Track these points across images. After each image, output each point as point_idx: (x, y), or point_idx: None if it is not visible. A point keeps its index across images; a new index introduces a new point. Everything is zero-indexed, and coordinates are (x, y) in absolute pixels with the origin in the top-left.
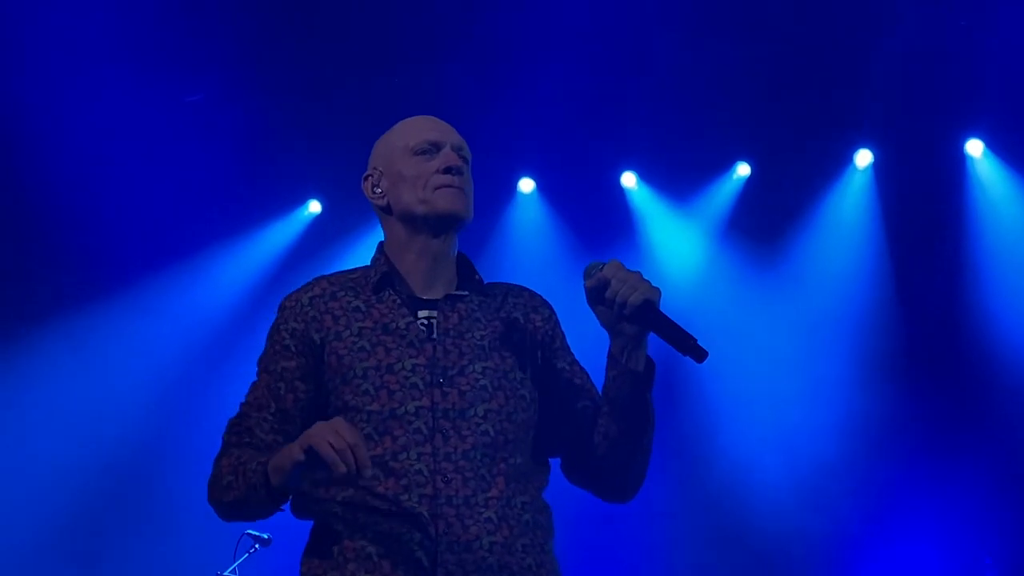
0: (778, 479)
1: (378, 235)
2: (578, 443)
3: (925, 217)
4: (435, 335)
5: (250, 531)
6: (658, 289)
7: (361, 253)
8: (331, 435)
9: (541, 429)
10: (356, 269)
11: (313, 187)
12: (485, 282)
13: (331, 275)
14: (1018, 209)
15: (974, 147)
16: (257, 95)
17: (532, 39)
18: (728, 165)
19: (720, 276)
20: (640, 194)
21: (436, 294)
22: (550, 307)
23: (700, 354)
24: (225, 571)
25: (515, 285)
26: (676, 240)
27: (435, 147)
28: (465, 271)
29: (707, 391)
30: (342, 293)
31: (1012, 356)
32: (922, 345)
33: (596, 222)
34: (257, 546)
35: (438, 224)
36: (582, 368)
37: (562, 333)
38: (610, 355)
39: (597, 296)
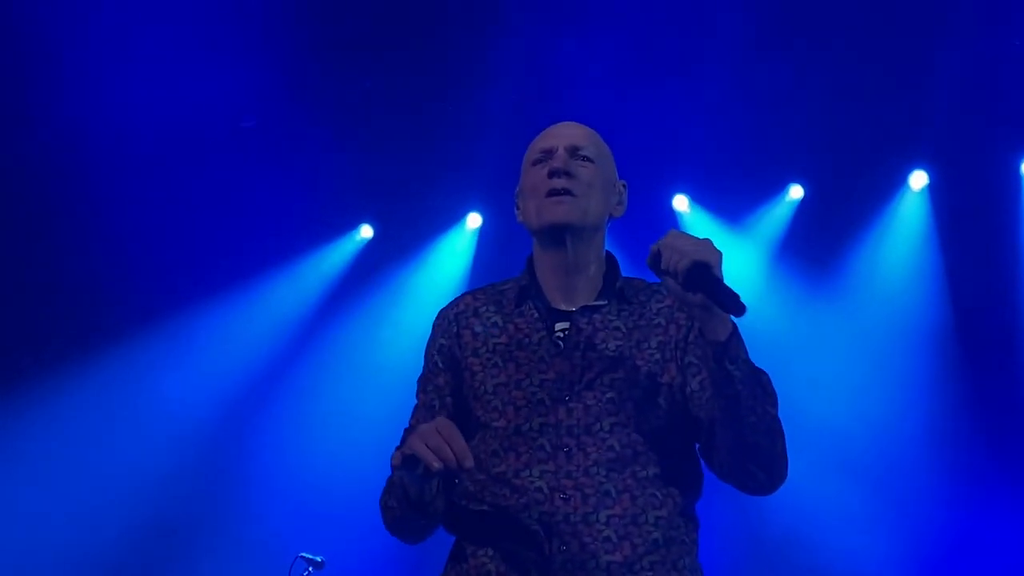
0: (838, 502)
1: (429, 261)
2: (709, 438)
3: (981, 239)
4: (567, 348)
5: (304, 554)
6: (715, 251)
7: (413, 277)
8: (428, 435)
9: (691, 431)
10: (508, 281)
11: (365, 211)
12: (632, 285)
13: (480, 289)
14: None
15: None
16: (310, 120)
17: (581, 63)
18: (781, 187)
19: (774, 299)
20: (692, 217)
21: (575, 304)
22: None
23: (738, 307)
24: None
25: (648, 284)
26: (729, 263)
27: (547, 154)
28: (610, 277)
29: None
30: (484, 308)
31: None
32: (981, 368)
33: (648, 247)
34: (311, 569)
35: (551, 235)
36: None
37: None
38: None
39: (658, 272)
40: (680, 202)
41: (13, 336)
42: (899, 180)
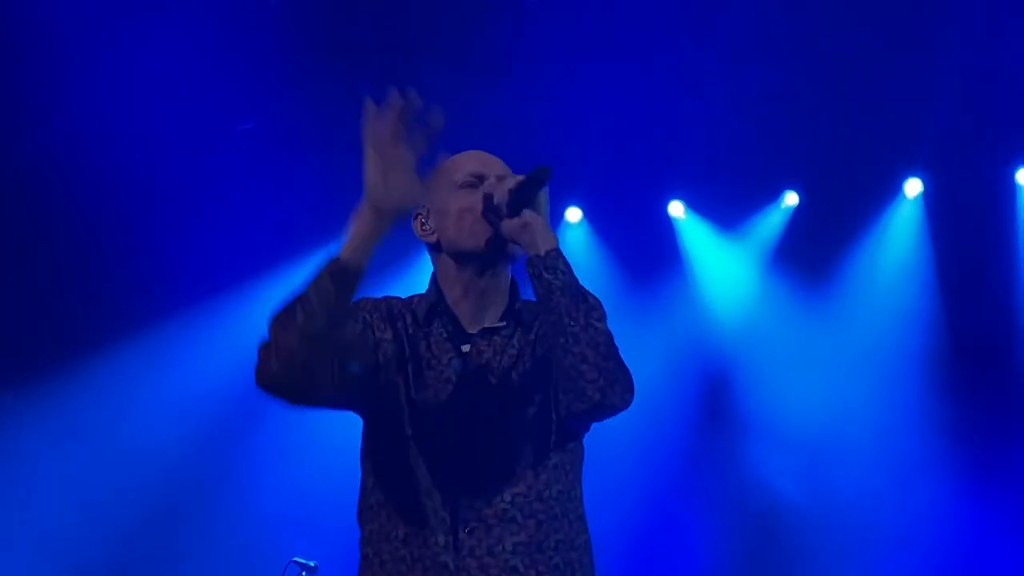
0: (826, 507)
1: (425, 263)
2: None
3: (976, 247)
4: (469, 370)
5: (297, 559)
6: (516, 176)
7: (409, 279)
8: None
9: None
10: (412, 297)
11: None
12: (528, 307)
13: (392, 298)
14: None
15: None
16: (307, 125)
17: (578, 70)
18: (776, 194)
19: (768, 305)
20: (688, 223)
21: (482, 324)
22: None
23: (543, 170)
24: None
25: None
26: (724, 269)
27: (479, 179)
28: (512, 299)
29: (755, 420)
30: (402, 315)
31: None
32: (974, 375)
33: (643, 251)
34: (304, 574)
35: (484, 260)
36: None
37: None
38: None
39: (493, 217)
40: (675, 208)
41: (8, 338)
42: (894, 187)
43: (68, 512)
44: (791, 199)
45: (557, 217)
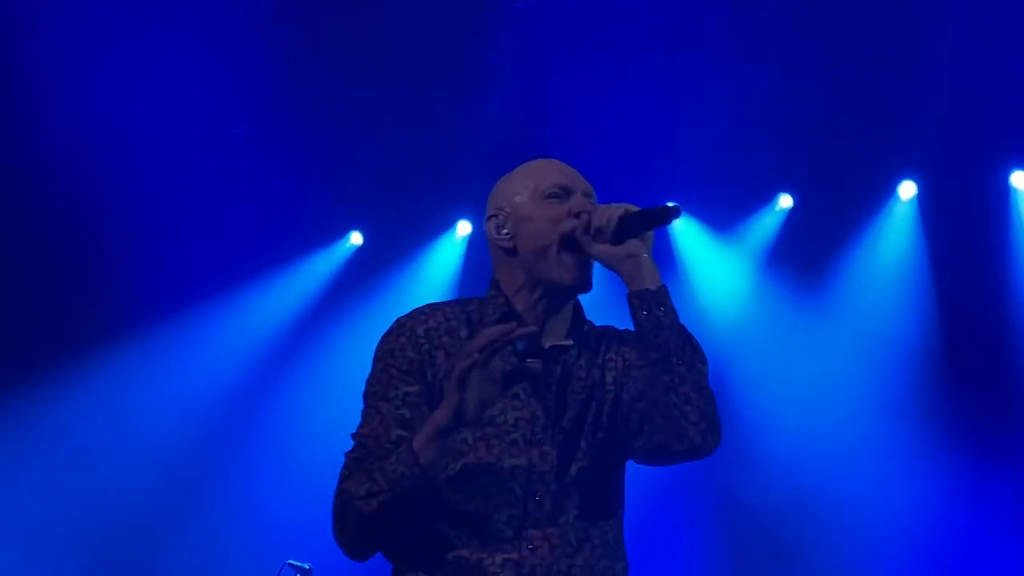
0: (820, 504)
1: (418, 268)
2: (638, 431)
3: (969, 249)
4: (538, 390)
5: (291, 561)
6: (623, 204)
7: (401, 284)
8: (484, 339)
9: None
10: (470, 301)
11: (355, 219)
12: (592, 328)
13: (445, 305)
14: None
15: (1019, 179)
16: (301, 130)
17: (572, 73)
18: (770, 197)
19: (763, 307)
20: (682, 225)
21: (548, 341)
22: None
23: (672, 211)
24: None
25: (612, 329)
26: (718, 271)
27: (565, 191)
28: (577, 317)
29: (750, 422)
30: (454, 328)
31: None
32: (967, 376)
33: None
34: None
35: (565, 277)
36: None
37: None
38: (627, 297)
39: (585, 245)
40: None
41: (5, 338)
42: (888, 190)
43: (63, 512)
44: (785, 201)
45: None
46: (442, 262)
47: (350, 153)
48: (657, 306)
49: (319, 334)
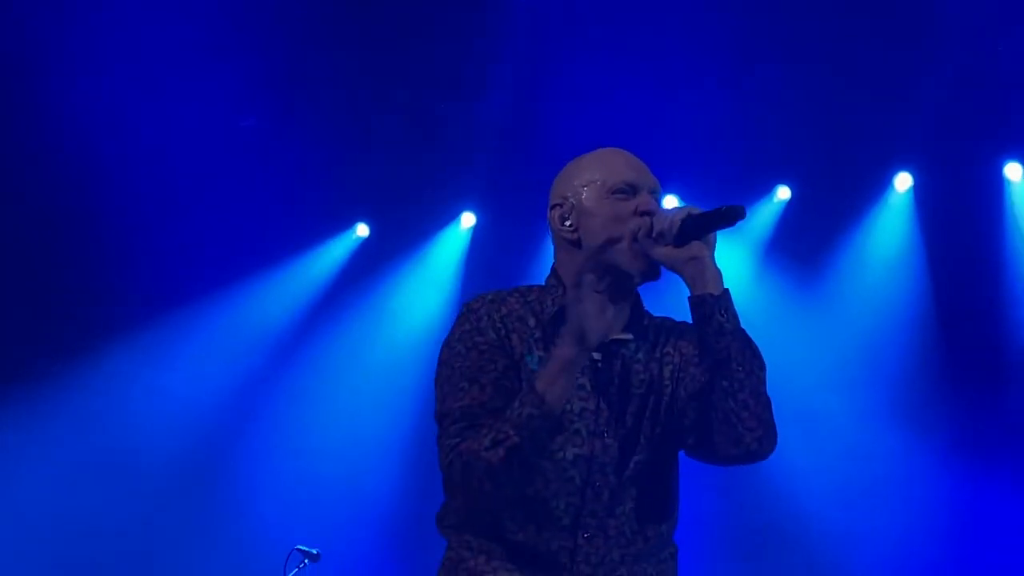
0: (828, 495)
1: (422, 260)
2: (696, 429)
3: (964, 239)
4: (600, 382)
5: (300, 547)
6: (687, 207)
7: (406, 275)
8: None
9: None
10: (532, 289)
11: (361, 211)
12: (651, 320)
13: (511, 293)
14: None
15: (1013, 171)
16: (308, 122)
17: (574, 69)
18: (768, 188)
19: (761, 298)
20: None
21: (609, 334)
22: (694, 330)
23: (737, 210)
24: None
25: (669, 321)
26: (717, 262)
27: (632, 189)
28: (637, 310)
29: None
30: (523, 315)
31: None
32: (962, 365)
33: None
34: (307, 561)
35: (629, 274)
36: None
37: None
38: (688, 299)
39: (648, 247)
40: (670, 203)
41: (12, 334)
42: (884, 182)
43: (67, 507)
44: (783, 193)
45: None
46: (446, 253)
47: (357, 147)
48: (720, 311)
49: (327, 323)
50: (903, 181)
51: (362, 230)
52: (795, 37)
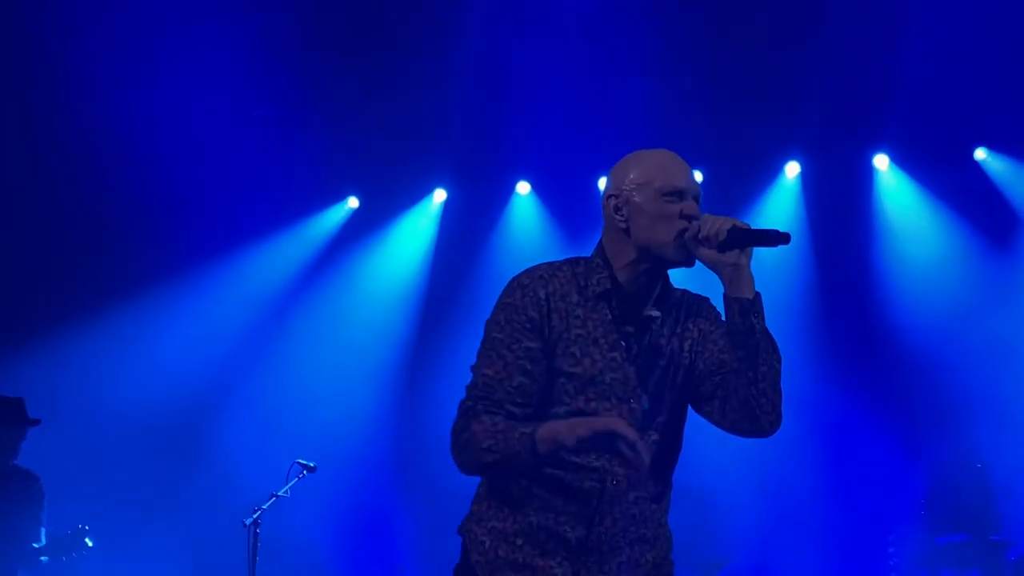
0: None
1: (410, 230)
2: (710, 399)
3: (842, 218)
4: (631, 354)
5: (299, 460)
6: (731, 219)
7: (392, 243)
8: (626, 429)
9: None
10: (578, 262)
11: (352, 184)
12: (675, 296)
13: (558, 269)
14: (914, 213)
15: (880, 161)
16: (306, 111)
17: (532, 65)
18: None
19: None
20: None
21: (641, 311)
22: (711, 307)
23: (783, 237)
24: (279, 491)
25: (688, 295)
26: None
27: (680, 194)
28: (665, 288)
29: None
30: (567, 292)
31: (912, 336)
32: (839, 317)
33: (580, 220)
34: (305, 472)
35: (669, 265)
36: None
37: (720, 320)
38: (724, 296)
39: (693, 246)
40: (604, 183)
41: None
42: (777, 169)
43: (74, 448)
44: (696, 176)
45: (509, 189)
46: (422, 223)
47: (348, 131)
48: (753, 314)
49: (322, 281)
50: (792, 169)
51: (352, 202)
52: (708, 46)
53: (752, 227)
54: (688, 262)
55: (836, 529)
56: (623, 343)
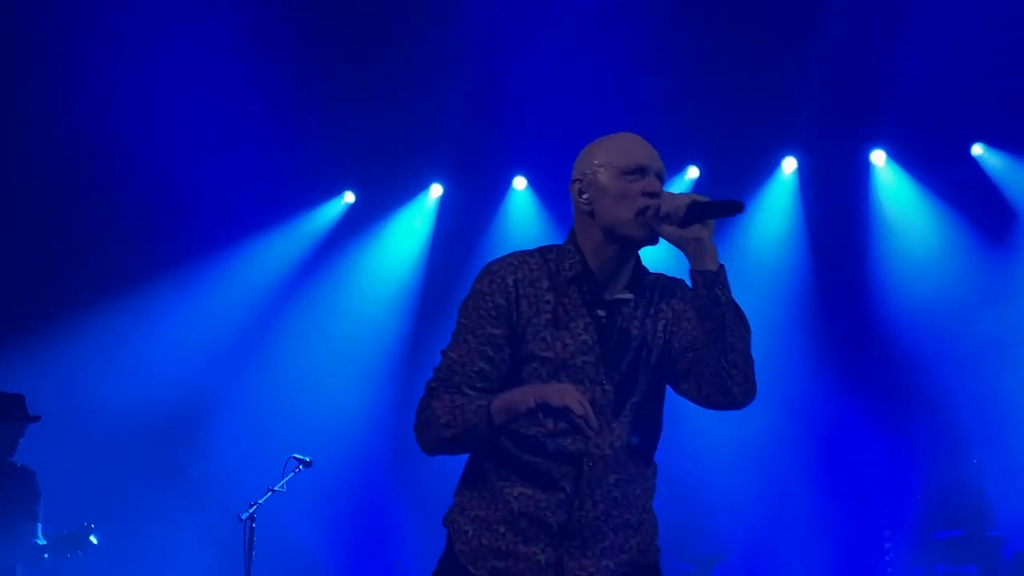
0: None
1: (406, 225)
2: (686, 376)
3: (838, 213)
4: (603, 337)
5: (295, 455)
6: (691, 194)
7: (389, 238)
8: (573, 398)
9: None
10: (550, 249)
11: (348, 180)
12: (648, 278)
13: (529, 256)
14: (911, 209)
15: (877, 157)
16: (304, 107)
17: (528, 60)
18: (681, 168)
19: (664, 267)
20: None
21: (611, 293)
22: (686, 288)
23: (738, 205)
24: (275, 486)
25: (663, 278)
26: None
27: (641, 171)
28: (637, 270)
29: None
30: (538, 280)
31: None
32: (835, 312)
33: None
34: (301, 467)
35: (630, 245)
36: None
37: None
38: (690, 271)
39: (655, 224)
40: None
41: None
42: (774, 164)
43: (66, 446)
44: (693, 172)
45: (506, 184)
46: (419, 219)
47: (345, 126)
48: (717, 285)
49: (318, 276)
50: (789, 164)
51: (349, 197)
52: (705, 43)
53: (708, 201)
54: (651, 240)
55: (832, 524)
56: (594, 326)
